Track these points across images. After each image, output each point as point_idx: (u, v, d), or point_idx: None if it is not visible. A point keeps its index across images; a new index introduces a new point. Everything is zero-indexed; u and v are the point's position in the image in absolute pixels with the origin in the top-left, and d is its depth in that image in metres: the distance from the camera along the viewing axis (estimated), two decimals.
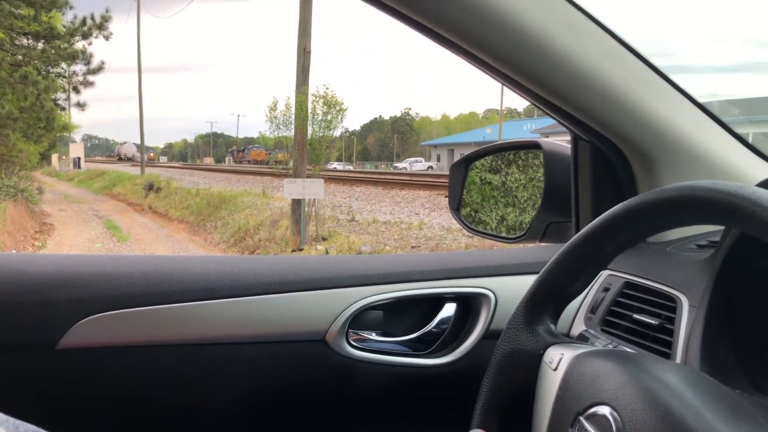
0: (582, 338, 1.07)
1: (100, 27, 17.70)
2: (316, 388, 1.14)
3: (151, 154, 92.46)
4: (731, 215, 0.59)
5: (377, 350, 1.15)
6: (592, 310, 1.10)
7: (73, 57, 17.70)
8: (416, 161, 61.90)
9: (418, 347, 1.18)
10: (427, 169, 52.05)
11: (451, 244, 9.55)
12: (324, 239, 10.73)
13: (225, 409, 1.11)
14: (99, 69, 18.59)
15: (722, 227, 0.93)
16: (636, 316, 1.00)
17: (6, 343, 1.02)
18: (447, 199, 1.55)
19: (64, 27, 17.52)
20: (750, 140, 1.13)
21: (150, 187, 21.84)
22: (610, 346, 0.99)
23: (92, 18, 17.59)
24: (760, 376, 0.84)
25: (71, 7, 17.18)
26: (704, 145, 1.09)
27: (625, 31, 1.01)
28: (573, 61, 0.98)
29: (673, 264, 1.03)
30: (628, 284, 1.06)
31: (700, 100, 1.08)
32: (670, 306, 0.94)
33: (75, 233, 14.13)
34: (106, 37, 17.94)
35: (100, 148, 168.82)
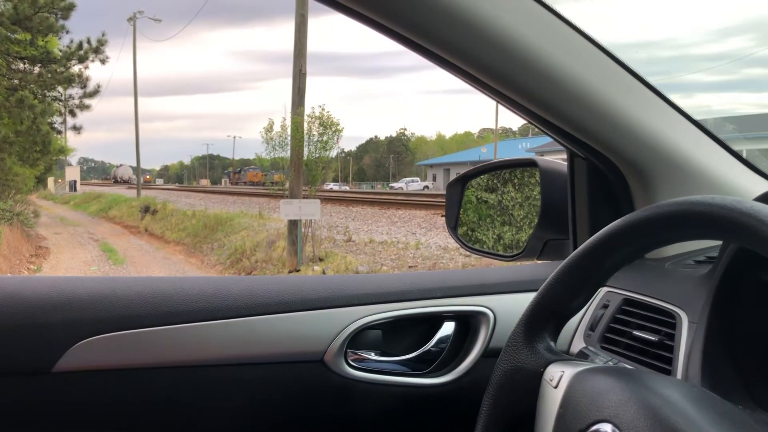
0: (582, 355, 1.06)
1: (97, 51, 17.77)
2: (315, 408, 1.13)
3: (147, 177, 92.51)
4: (730, 230, 0.59)
5: (376, 370, 1.15)
6: (592, 327, 1.10)
7: (69, 81, 17.75)
8: (412, 181, 62.07)
9: (417, 367, 1.18)
10: (423, 189, 52.16)
11: (448, 263, 9.54)
12: (321, 260, 10.71)
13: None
14: (95, 92, 18.65)
15: (720, 243, 0.93)
16: (635, 332, 0.99)
17: (0, 366, 1.01)
18: (443, 218, 1.55)
19: (60, 51, 17.59)
20: (744, 156, 1.14)
21: (146, 210, 21.82)
22: (611, 363, 0.98)
23: (88, 42, 17.67)
24: (761, 392, 0.83)
25: (67, 32, 17.25)
26: (700, 160, 1.09)
27: (618, 49, 1.02)
28: (569, 80, 0.99)
29: (671, 280, 1.03)
30: (627, 301, 1.06)
31: (696, 117, 1.09)
32: (670, 322, 0.94)
33: (71, 256, 14.09)
34: (103, 61, 18.00)
35: (97, 171, 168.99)
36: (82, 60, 17.71)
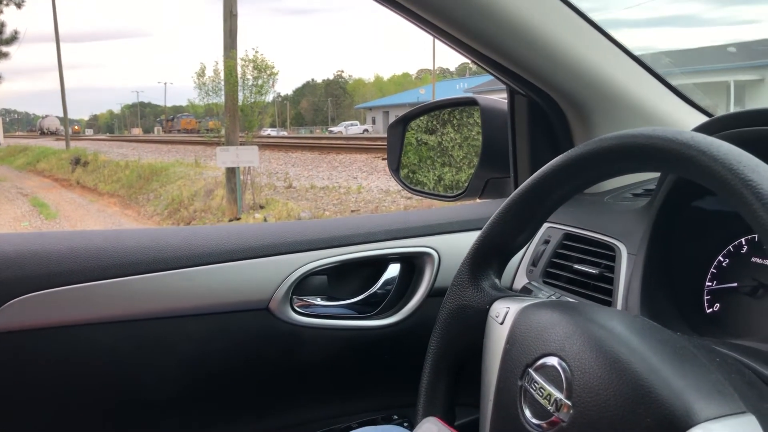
0: (525, 291, 1.08)
1: None
2: (263, 357, 1.12)
3: (76, 127, 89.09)
4: (671, 161, 0.59)
5: (323, 315, 1.14)
6: (534, 262, 1.12)
7: None
8: (351, 125, 61.48)
9: (363, 310, 1.18)
10: (363, 133, 51.86)
11: (390, 206, 9.59)
12: (261, 207, 10.60)
13: (169, 386, 1.08)
14: (12, 39, 17.65)
15: (657, 176, 0.95)
16: (576, 266, 1.01)
17: None
18: (384, 162, 1.54)
19: None
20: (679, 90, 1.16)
21: (77, 162, 21.08)
22: (554, 298, 1.00)
23: None
24: (697, 318, 0.87)
25: None
26: (638, 95, 1.10)
27: None
28: (508, 15, 0.97)
29: (610, 214, 1.05)
30: (568, 236, 1.07)
31: (634, 52, 1.10)
32: (610, 255, 0.96)
33: None
34: (18, 5, 17.00)
35: (21, 123, 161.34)
36: None
